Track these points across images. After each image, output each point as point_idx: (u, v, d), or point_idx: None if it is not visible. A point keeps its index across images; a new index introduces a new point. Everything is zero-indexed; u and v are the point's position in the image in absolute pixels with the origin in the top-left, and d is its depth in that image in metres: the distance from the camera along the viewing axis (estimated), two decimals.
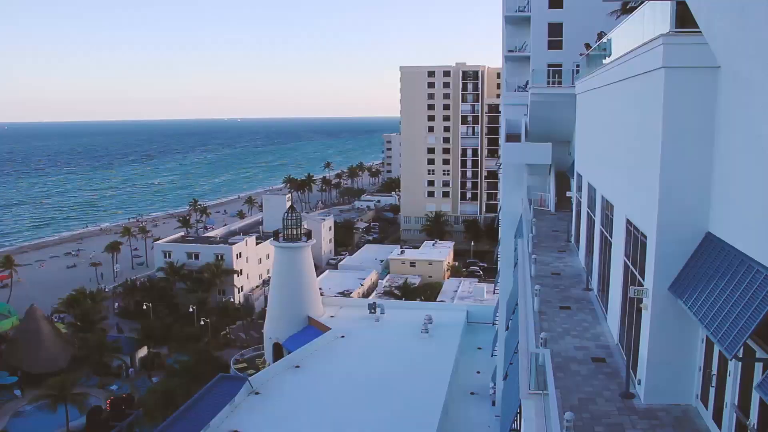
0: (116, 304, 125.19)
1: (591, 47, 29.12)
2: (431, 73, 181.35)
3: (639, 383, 15.29)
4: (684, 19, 13.77)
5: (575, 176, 31.12)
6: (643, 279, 15.63)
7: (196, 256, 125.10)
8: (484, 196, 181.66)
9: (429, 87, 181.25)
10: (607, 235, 21.02)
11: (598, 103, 24.48)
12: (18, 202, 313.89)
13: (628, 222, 17.70)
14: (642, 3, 17.29)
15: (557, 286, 23.85)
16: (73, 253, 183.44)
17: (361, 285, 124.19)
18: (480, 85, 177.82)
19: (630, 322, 16.72)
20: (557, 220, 35.32)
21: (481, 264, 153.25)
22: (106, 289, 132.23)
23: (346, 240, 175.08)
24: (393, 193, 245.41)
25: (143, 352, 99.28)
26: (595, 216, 23.84)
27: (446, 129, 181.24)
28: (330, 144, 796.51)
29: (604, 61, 22.77)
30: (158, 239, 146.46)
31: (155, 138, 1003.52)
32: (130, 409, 65.76)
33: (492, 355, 55.88)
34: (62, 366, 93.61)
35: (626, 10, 27.00)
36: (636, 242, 16.70)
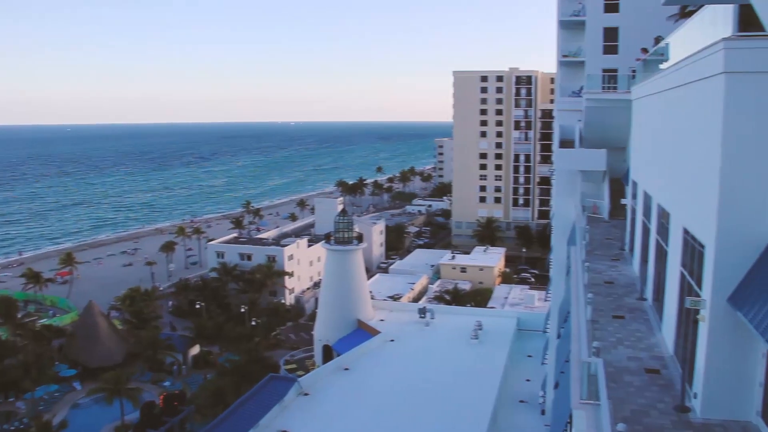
0: (170, 303, 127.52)
1: (648, 52, 28.57)
2: (484, 78, 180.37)
3: (695, 397, 14.89)
4: (748, 21, 13.36)
5: (630, 184, 30.55)
6: (701, 289, 15.24)
7: (249, 257, 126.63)
8: (537, 203, 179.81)
9: (482, 92, 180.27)
10: (663, 244, 20.57)
11: (655, 109, 23.98)
12: (79, 202, 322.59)
13: (685, 231, 17.27)
14: (702, 6, 16.87)
15: (610, 295, 23.43)
16: (129, 251, 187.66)
17: (412, 289, 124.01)
18: (533, 90, 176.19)
19: (686, 334, 16.30)
20: (611, 228, 34.70)
21: (533, 271, 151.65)
22: (161, 288, 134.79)
23: (396, 244, 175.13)
24: (444, 197, 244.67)
25: (195, 350, 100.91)
26: (650, 224, 23.35)
27: (499, 134, 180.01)
28: (382, 148, 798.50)
29: (662, 66, 22.30)
30: (212, 240, 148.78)
31: (209, 140, 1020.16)
32: (182, 406, 66.86)
33: (542, 363, 55.23)
34: (118, 361, 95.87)
35: (685, 13, 26.40)
36: (693, 252, 16.29)
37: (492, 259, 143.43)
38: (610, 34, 41.49)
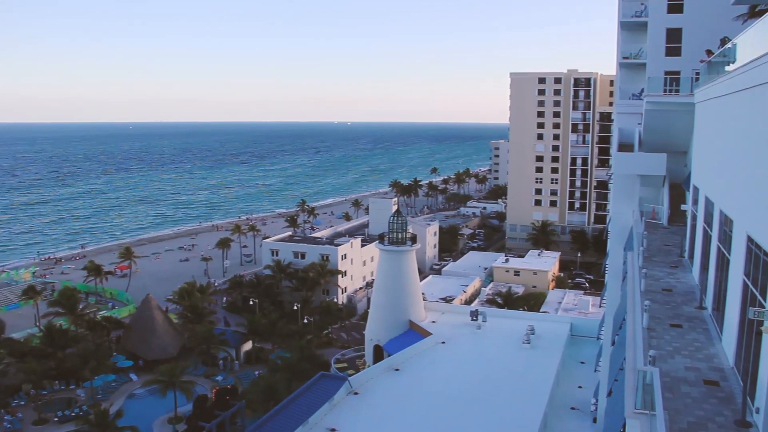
0: (224, 299, 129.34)
1: (713, 53, 27.78)
2: (542, 80, 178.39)
3: (757, 412, 14.37)
4: None
5: (691, 189, 29.77)
6: (765, 300, 14.71)
7: (303, 256, 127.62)
8: (593, 207, 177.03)
9: (539, 94, 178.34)
10: (725, 252, 19.95)
11: (720, 113, 23.29)
12: (139, 198, 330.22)
13: (749, 239, 16.71)
14: None
15: (668, 303, 22.83)
16: (186, 247, 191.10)
17: (464, 291, 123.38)
18: (592, 93, 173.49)
19: (748, 345, 15.76)
20: (670, 234, 33.87)
21: (588, 276, 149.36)
22: (216, 284, 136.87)
23: (450, 246, 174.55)
24: (499, 200, 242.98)
25: (248, 346, 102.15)
26: (711, 231, 22.69)
27: (556, 137, 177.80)
28: (437, 149, 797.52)
29: (728, 68, 21.64)
30: (267, 237, 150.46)
31: (267, 140, 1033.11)
32: (234, 400, 67.84)
33: (595, 370, 54.25)
34: (172, 354, 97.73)
35: (755, 13, 25.58)
36: (757, 260, 15.74)
37: (546, 263, 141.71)
38: (673, 36, 40.54)
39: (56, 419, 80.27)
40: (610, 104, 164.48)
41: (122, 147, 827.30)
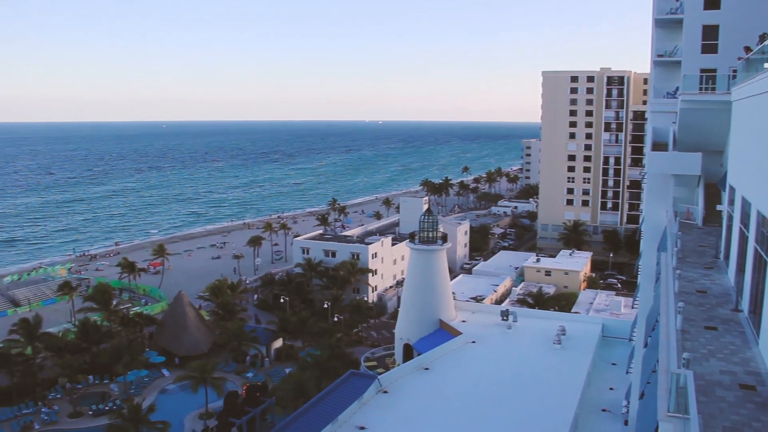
0: (255, 296, 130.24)
1: (751, 50, 27.27)
2: (574, 78, 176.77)
3: None
4: None
5: (727, 189, 29.26)
6: None
7: (333, 254, 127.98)
8: (626, 207, 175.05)
9: (572, 92, 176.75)
10: (762, 253, 19.57)
11: (759, 111, 22.86)
12: (172, 196, 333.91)
13: None
14: None
15: (702, 305, 22.47)
16: (218, 245, 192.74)
17: (495, 291, 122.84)
18: (625, 91, 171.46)
19: None
20: (705, 235, 33.35)
21: (620, 276, 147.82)
22: (247, 281, 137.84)
23: (481, 245, 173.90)
24: (531, 199, 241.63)
25: (278, 343, 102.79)
26: (748, 232, 22.28)
27: (588, 136, 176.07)
28: (468, 148, 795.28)
29: (767, 66, 21.22)
30: (297, 236, 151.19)
31: (297, 138, 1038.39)
32: (264, 397, 68.22)
33: (627, 372, 53.58)
34: (204, 350, 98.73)
35: None
36: None
37: (578, 263, 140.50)
38: (710, 32, 39.84)
39: (90, 412, 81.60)
40: (644, 103, 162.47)
41: (155, 145, 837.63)
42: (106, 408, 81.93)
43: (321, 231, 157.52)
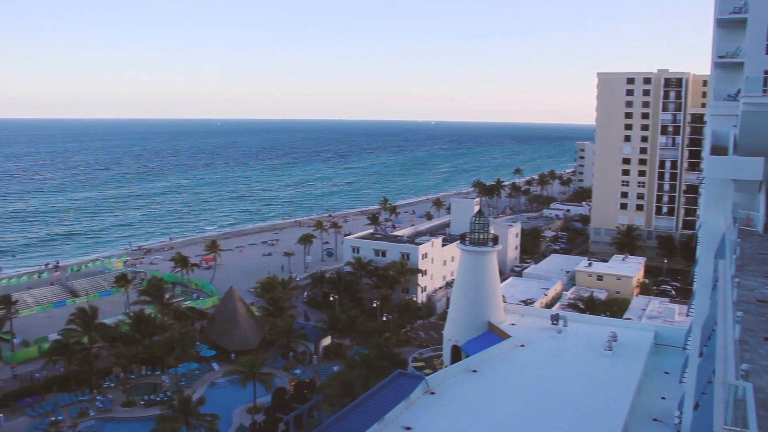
0: (305, 294, 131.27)
1: None
2: (630, 80, 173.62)
3: None
4: None
5: None
6: None
7: (383, 254, 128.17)
8: (682, 212, 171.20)
9: (627, 94, 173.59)
10: None
11: None
12: (225, 193, 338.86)
13: None
14: None
15: (763, 315, 21.85)
16: (269, 242, 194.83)
17: (545, 295, 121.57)
18: (683, 94, 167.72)
19: None
20: (766, 243, 32.43)
21: (674, 283, 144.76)
22: (297, 279, 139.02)
23: (532, 248, 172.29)
24: (583, 202, 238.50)
25: (327, 341, 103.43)
26: None
27: (644, 139, 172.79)
28: (520, 150, 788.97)
29: None
30: (348, 234, 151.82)
31: (350, 137, 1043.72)
32: (312, 394, 68.66)
33: (680, 381, 52.41)
34: (253, 346, 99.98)
35: None
36: None
37: (631, 268, 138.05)
38: None
39: (142, 402, 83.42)
40: (703, 105, 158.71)
41: (210, 143, 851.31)
42: (158, 399, 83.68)
43: (371, 230, 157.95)
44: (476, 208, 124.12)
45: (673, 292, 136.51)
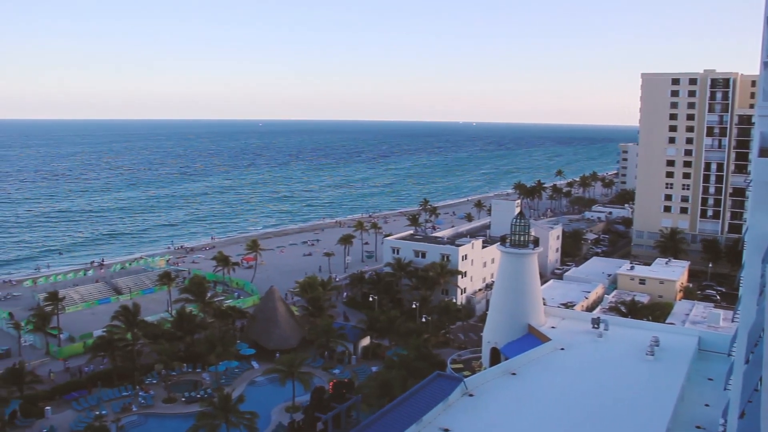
0: (344, 294, 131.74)
1: None
2: (675, 81, 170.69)
3: None
4: None
5: None
6: None
7: (423, 255, 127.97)
8: (728, 215, 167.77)
9: (672, 95, 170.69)
10: None
11: None
12: (268, 194, 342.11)
13: None
14: None
15: None
16: (310, 242, 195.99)
17: (586, 298, 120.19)
18: (730, 94, 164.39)
19: None
20: None
21: (719, 288, 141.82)
22: (337, 279, 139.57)
23: (573, 250, 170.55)
24: (626, 205, 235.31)
25: (366, 341, 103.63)
26: None
27: (689, 140, 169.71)
28: (561, 151, 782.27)
29: None
30: (388, 235, 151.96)
31: (390, 139, 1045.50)
32: (350, 394, 68.90)
33: (725, 389, 51.36)
34: (293, 345, 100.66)
35: None
36: None
37: (674, 272, 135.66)
38: None
39: (183, 399, 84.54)
40: (751, 106, 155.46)
41: (252, 143, 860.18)
42: (198, 396, 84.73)
43: (411, 231, 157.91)
44: (517, 210, 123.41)
45: (718, 297, 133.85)
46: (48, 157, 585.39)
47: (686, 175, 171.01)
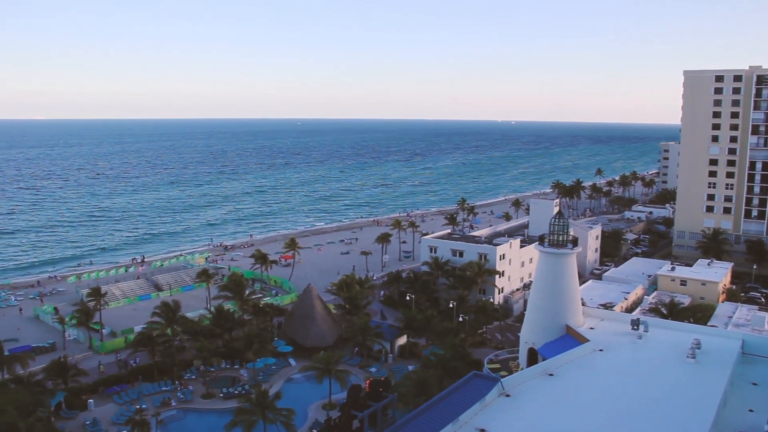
0: (381, 292, 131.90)
1: None
2: (719, 78, 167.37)
3: None
4: None
5: None
6: None
7: (461, 254, 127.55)
8: None
9: (716, 93, 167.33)
10: None
11: None
12: (306, 192, 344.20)
13: None
14: None
15: None
16: (347, 241, 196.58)
17: (625, 299, 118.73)
18: None
19: None
20: None
21: (764, 290, 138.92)
22: (374, 277, 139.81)
23: (612, 251, 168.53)
24: (667, 205, 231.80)
25: (402, 340, 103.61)
26: None
27: (733, 139, 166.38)
28: (598, 150, 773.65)
29: None
30: (426, 234, 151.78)
31: (428, 137, 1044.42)
32: (387, 392, 68.94)
33: None
34: (329, 343, 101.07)
35: None
36: None
37: (716, 273, 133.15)
38: None
39: (221, 395, 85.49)
40: None
41: (291, 142, 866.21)
42: (236, 392, 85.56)
43: (449, 230, 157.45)
44: (556, 209, 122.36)
45: (763, 300, 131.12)
46: (90, 156, 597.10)
47: (730, 175, 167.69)
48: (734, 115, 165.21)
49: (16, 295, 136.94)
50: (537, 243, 79.54)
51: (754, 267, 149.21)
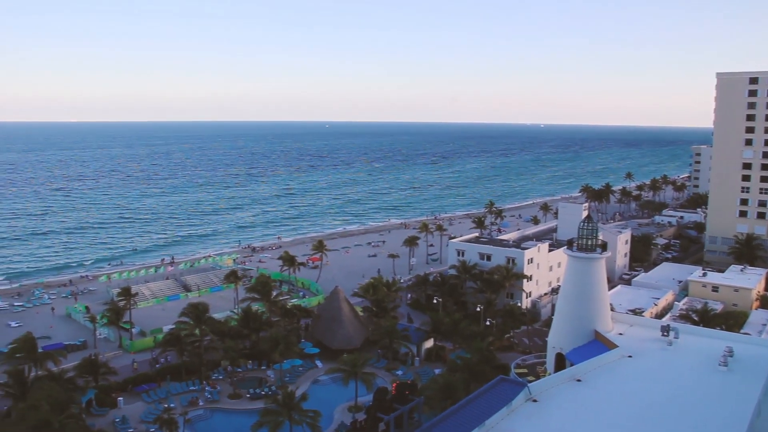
0: (408, 295, 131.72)
1: None
2: (753, 80, 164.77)
3: None
4: None
5: None
6: None
7: (488, 257, 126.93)
8: None
9: (750, 95, 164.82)
10: None
11: None
12: (334, 195, 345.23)
13: None
14: None
15: None
16: (375, 243, 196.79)
17: (655, 305, 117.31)
18: None
19: None
20: None
21: None
22: (401, 280, 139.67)
23: (642, 255, 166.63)
24: (699, 209, 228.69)
25: (429, 343, 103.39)
26: None
27: (767, 142, 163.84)
28: (628, 154, 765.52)
29: None
30: (453, 237, 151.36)
31: (456, 140, 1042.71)
32: (413, 395, 68.81)
33: None
34: (356, 345, 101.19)
35: None
36: None
37: (750, 280, 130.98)
38: None
39: (248, 396, 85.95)
40: None
41: (319, 145, 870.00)
42: (263, 393, 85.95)
43: (477, 234, 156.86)
44: (584, 213, 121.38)
45: None
46: (121, 158, 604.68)
47: (764, 179, 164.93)
48: None
49: (49, 294, 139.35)
50: (565, 247, 78.96)
51: None
